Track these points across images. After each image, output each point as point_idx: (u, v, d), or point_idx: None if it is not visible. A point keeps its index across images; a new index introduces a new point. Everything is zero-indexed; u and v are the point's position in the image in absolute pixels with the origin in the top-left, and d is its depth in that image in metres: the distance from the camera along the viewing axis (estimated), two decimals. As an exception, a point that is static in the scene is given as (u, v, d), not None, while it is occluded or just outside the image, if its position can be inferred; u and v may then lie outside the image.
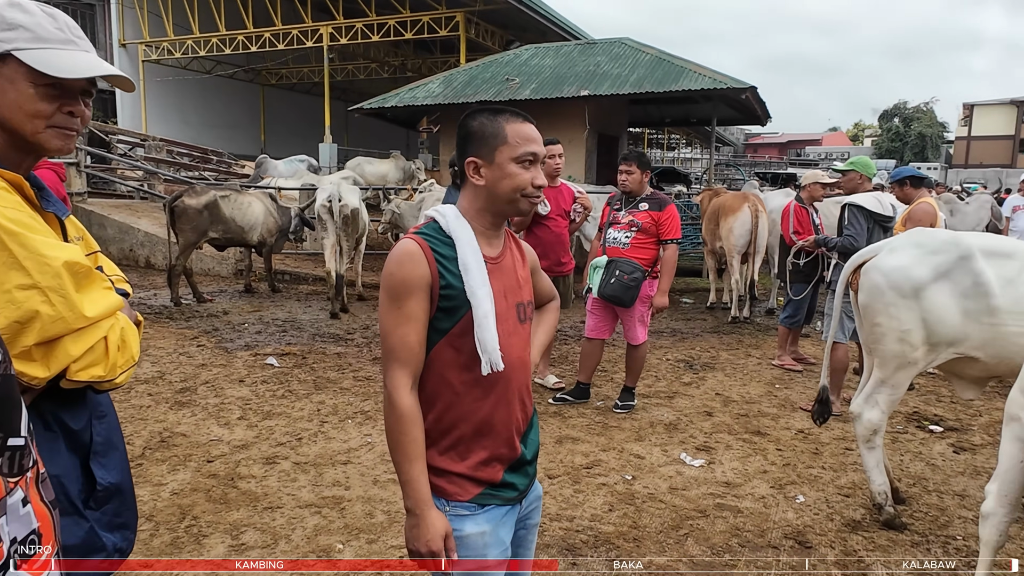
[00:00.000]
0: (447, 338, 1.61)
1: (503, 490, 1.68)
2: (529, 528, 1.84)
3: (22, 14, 1.31)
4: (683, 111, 15.35)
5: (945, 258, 3.38)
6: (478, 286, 1.59)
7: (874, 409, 3.55)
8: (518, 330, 1.71)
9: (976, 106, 55.95)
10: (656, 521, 3.55)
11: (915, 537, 3.47)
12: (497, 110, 1.68)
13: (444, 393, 1.62)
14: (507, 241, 1.77)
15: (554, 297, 2.08)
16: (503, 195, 1.64)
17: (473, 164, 1.65)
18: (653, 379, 6.09)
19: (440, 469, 1.63)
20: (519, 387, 1.71)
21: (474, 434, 1.64)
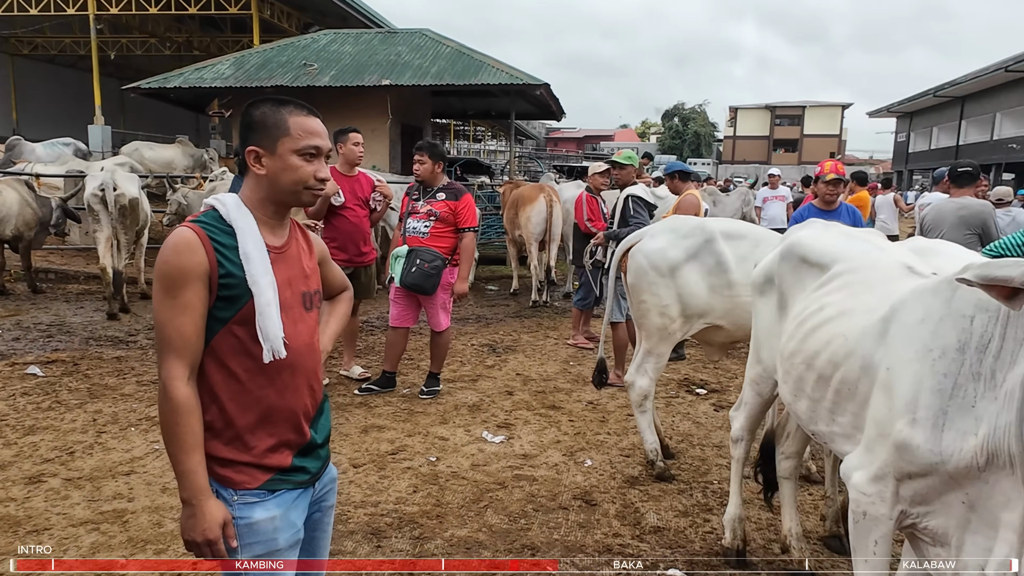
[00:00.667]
0: (228, 327, 1.59)
1: (294, 474, 1.70)
2: (324, 510, 1.87)
3: None
4: (484, 104, 15.84)
5: (694, 241, 3.90)
6: (260, 275, 1.59)
7: (644, 377, 4.01)
8: (304, 318, 1.73)
9: (739, 109, 63.85)
10: (458, 497, 3.72)
11: (681, 485, 3.98)
12: (282, 101, 1.68)
13: (227, 383, 1.61)
14: (292, 231, 1.77)
15: (346, 288, 2.12)
16: (284, 187, 1.65)
17: (254, 153, 1.65)
18: (458, 364, 6.29)
19: (226, 459, 1.62)
20: (306, 374, 1.73)
21: (260, 421, 1.64)
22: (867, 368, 2.07)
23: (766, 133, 61.92)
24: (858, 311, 2.18)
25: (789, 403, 2.51)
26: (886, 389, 1.97)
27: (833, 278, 2.41)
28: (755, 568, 3.15)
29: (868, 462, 2.02)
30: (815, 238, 2.63)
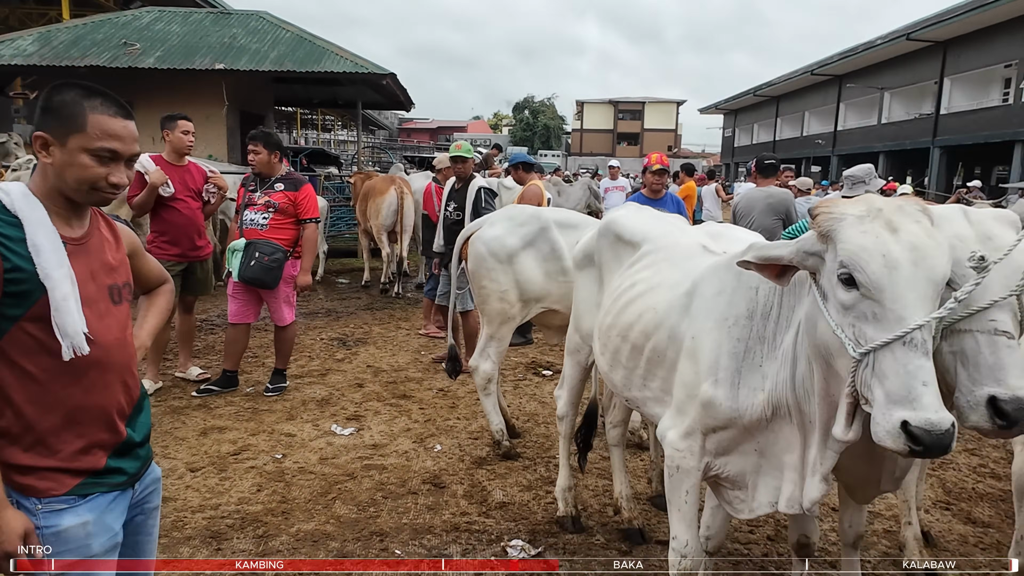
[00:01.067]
0: (18, 325, 1.49)
1: (109, 476, 1.63)
2: (148, 512, 1.81)
3: None
4: (330, 93, 15.34)
5: (530, 229, 4.09)
6: (53, 268, 1.50)
7: (487, 361, 4.16)
8: (112, 312, 1.65)
9: (585, 103, 66.59)
10: (305, 492, 3.67)
11: (526, 462, 4.18)
12: (92, 91, 1.58)
13: (22, 384, 1.51)
14: (95, 221, 1.68)
15: (164, 280, 2.06)
16: (68, 183, 1.56)
17: (41, 140, 1.55)
18: (306, 359, 6.14)
19: (26, 467, 1.52)
20: (119, 370, 1.66)
21: (66, 423, 1.56)
22: (674, 337, 2.31)
23: (610, 127, 65.13)
24: (664, 286, 2.42)
25: (606, 373, 2.72)
26: (691, 355, 2.22)
27: (643, 256, 2.65)
28: (591, 531, 3.39)
29: (679, 422, 2.26)
30: (628, 218, 2.88)
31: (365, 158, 21.06)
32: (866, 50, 29.90)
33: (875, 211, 1.60)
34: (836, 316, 1.63)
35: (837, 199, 1.73)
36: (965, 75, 25.59)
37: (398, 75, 11.96)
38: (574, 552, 3.19)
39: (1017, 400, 1.59)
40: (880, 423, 1.50)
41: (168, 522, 3.26)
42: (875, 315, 1.55)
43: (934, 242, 1.56)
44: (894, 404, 1.48)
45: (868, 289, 1.55)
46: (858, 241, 1.58)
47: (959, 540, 3.43)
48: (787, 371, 1.94)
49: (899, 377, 1.48)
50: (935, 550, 3.31)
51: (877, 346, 1.52)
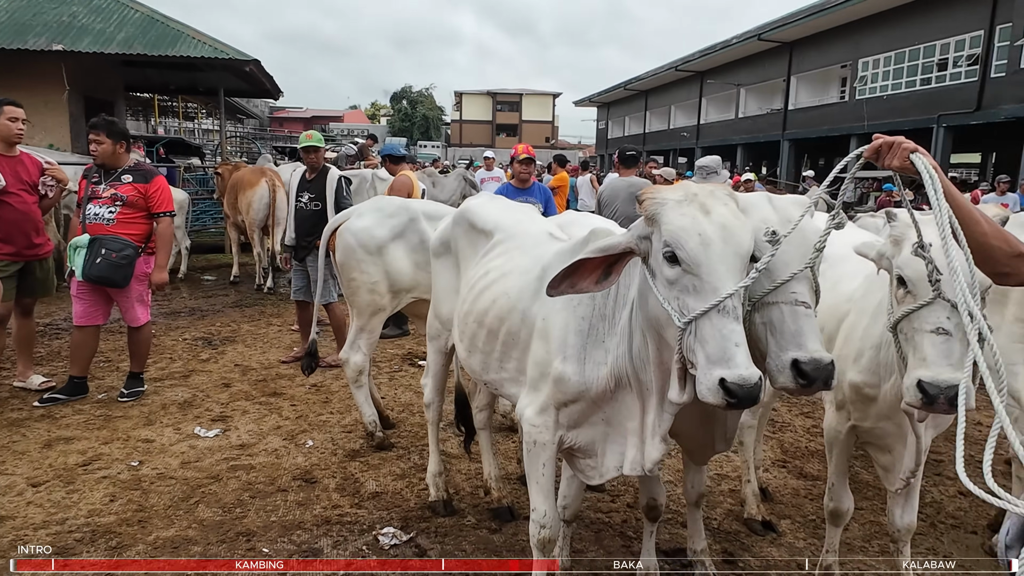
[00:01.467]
0: None
1: None
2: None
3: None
4: (189, 79, 14.40)
5: (399, 220, 4.09)
6: None
7: (358, 353, 4.14)
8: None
9: (464, 94, 66.58)
10: (165, 499, 3.50)
11: (400, 451, 4.20)
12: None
13: None
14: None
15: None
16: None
17: None
18: (167, 361, 5.81)
19: None
20: None
21: None
22: (526, 320, 2.42)
23: (489, 118, 65.56)
24: (516, 272, 2.53)
25: (464, 359, 2.81)
26: (543, 336, 2.33)
27: (496, 245, 2.75)
28: (462, 513, 3.47)
29: (535, 399, 2.37)
30: (481, 207, 2.97)
31: (232, 148, 19.97)
32: (723, 48, 31.89)
33: (691, 196, 1.78)
34: (663, 291, 1.80)
35: (660, 187, 1.89)
36: (808, 74, 27.94)
37: (263, 62, 11.45)
38: (446, 534, 3.26)
39: (815, 361, 1.81)
40: (702, 382, 1.67)
41: (6, 542, 3.02)
42: (695, 287, 1.72)
43: (740, 222, 1.76)
44: (713, 364, 1.65)
45: (688, 264, 1.73)
46: (678, 222, 1.75)
47: (792, 493, 3.82)
48: (625, 345, 2.10)
49: (716, 341, 1.66)
50: (771, 503, 3.67)
51: (697, 315, 1.69)
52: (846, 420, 2.60)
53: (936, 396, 1.81)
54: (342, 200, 5.53)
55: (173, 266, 9.82)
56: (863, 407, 2.48)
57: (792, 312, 1.88)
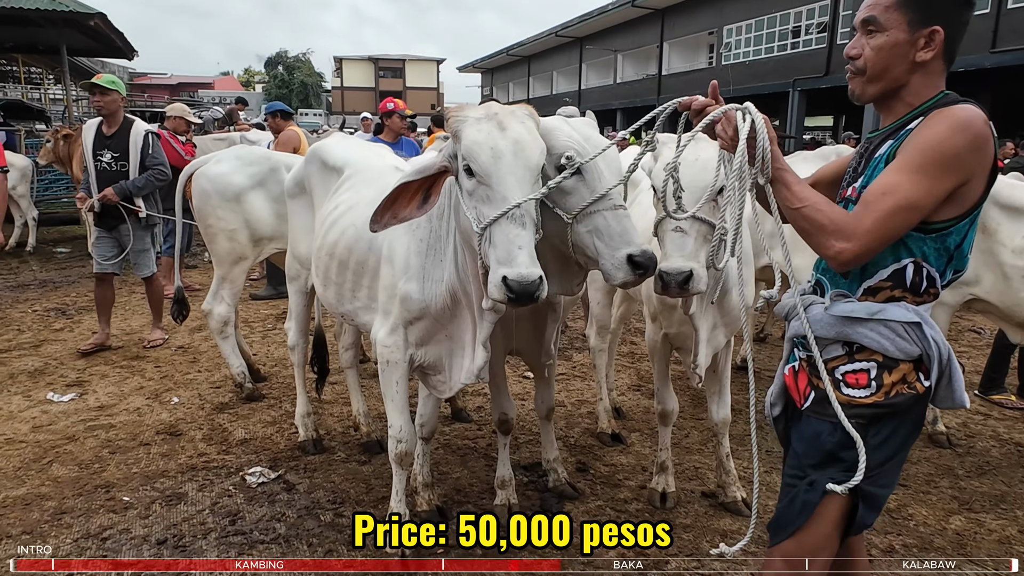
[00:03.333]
0: None
1: None
2: None
3: None
4: (25, 35, 13.04)
5: (260, 168, 4.05)
6: None
7: (221, 304, 4.09)
8: None
9: (344, 60, 64.24)
10: (13, 461, 3.37)
11: (271, 401, 4.20)
12: None
13: None
14: None
15: None
16: None
17: None
18: (14, 332, 5.45)
19: None
20: None
21: None
22: (373, 248, 2.53)
23: (372, 84, 63.74)
24: (362, 204, 2.62)
25: (321, 294, 2.89)
26: (389, 261, 2.45)
27: (345, 180, 2.83)
28: (332, 450, 3.57)
29: (385, 321, 2.50)
30: (333, 146, 3.03)
31: (83, 115, 18.39)
32: (600, 14, 32.56)
33: (491, 114, 1.94)
34: (466, 201, 1.96)
35: (465, 106, 2.05)
36: (680, 40, 29.13)
37: (111, 18, 10.61)
38: (315, 469, 3.35)
39: (644, 252, 2.02)
40: (491, 280, 1.86)
41: None
42: (488, 197, 1.89)
43: (532, 137, 1.95)
44: (500, 264, 1.84)
45: (480, 176, 1.90)
46: (473, 137, 1.91)
47: (643, 411, 4.18)
48: (453, 261, 2.25)
49: (503, 244, 1.84)
50: (624, 421, 4.01)
51: (489, 222, 1.86)
52: (659, 329, 2.91)
53: (668, 282, 2.07)
54: (148, 157, 4.95)
55: (20, 239, 9.09)
56: (667, 315, 2.80)
57: (614, 216, 2.08)
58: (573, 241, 2.14)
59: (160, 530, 2.80)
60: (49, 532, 2.78)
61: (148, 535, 2.77)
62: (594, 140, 2.14)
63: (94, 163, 4.88)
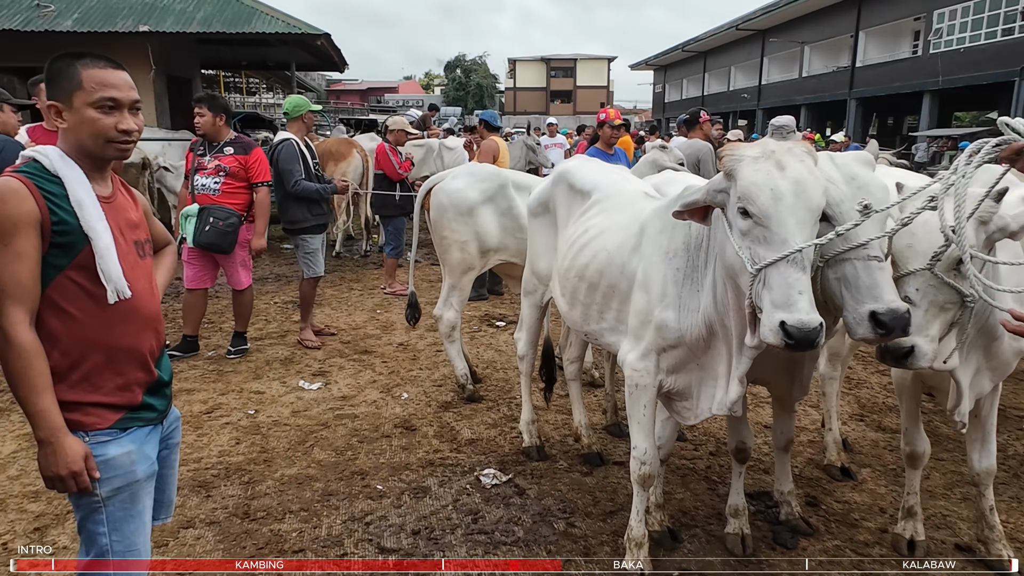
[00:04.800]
0: (64, 273, 1.65)
1: (144, 411, 1.79)
2: (172, 448, 1.99)
3: None
4: (259, 54, 14.88)
5: (490, 185, 4.31)
6: (95, 220, 1.65)
7: (450, 310, 4.40)
8: (139, 264, 1.81)
9: (518, 61, 66.01)
10: (283, 442, 3.86)
11: (489, 403, 4.47)
12: (78, 54, 1.71)
13: (68, 327, 1.66)
14: (115, 184, 1.84)
15: (168, 241, 2.19)
16: (84, 140, 1.69)
17: (54, 108, 1.70)
18: (264, 322, 6.23)
19: (73, 403, 1.66)
20: (150, 315, 1.81)
21: (107, 362, 1.71)
22: (626, 273, 2.61)
23: (543, 84, 64.90)
24: (615, 228, 2.71)
25: (565, 312, 3.03)
26: (643, 287, 2.53)
27: (593, 204, 2.94)
28: (554, 458, 3.72)
29: (636, 345, 2.57)
30: (579, 169, 3.16)
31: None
32: (786, 5, 30.70)
33: (768, 152, 1.94)
34: (738, 240, 1.97)
35: (740, 144, 2.05)
36: (878, 28, 26.71)
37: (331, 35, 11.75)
38: (541, 476, 3.51)
39: (891, 312, 1.93)
40: (765, 324, 1.85)
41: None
42: (765, 238, 1.89)
43: (813, 178, 1.91)
44: (776, 308, 1.82)
45: (758, 217, 1.90)
46: (751, 178, 1.91)
47: (871, 444, 3.93)
48: (711, 293, 2.27)
49: (781, 288, 1.82)
50: (851, 453, 3.79)
51: (767, 264, 1.85)
52: (908, 368, 2.72)
53: (885, 352, 2.08)
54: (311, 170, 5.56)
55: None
56: None
57: (865, 267, 2.00)
58: (821, 286, 2.08)
59: (413, 521, 3.09)
60: (321, 511, 3.17)
61: (403, 524, 3.07)
62: (861, 179, 2.06)
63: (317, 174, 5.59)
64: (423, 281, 7.75)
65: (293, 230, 5.55)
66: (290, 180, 5.29)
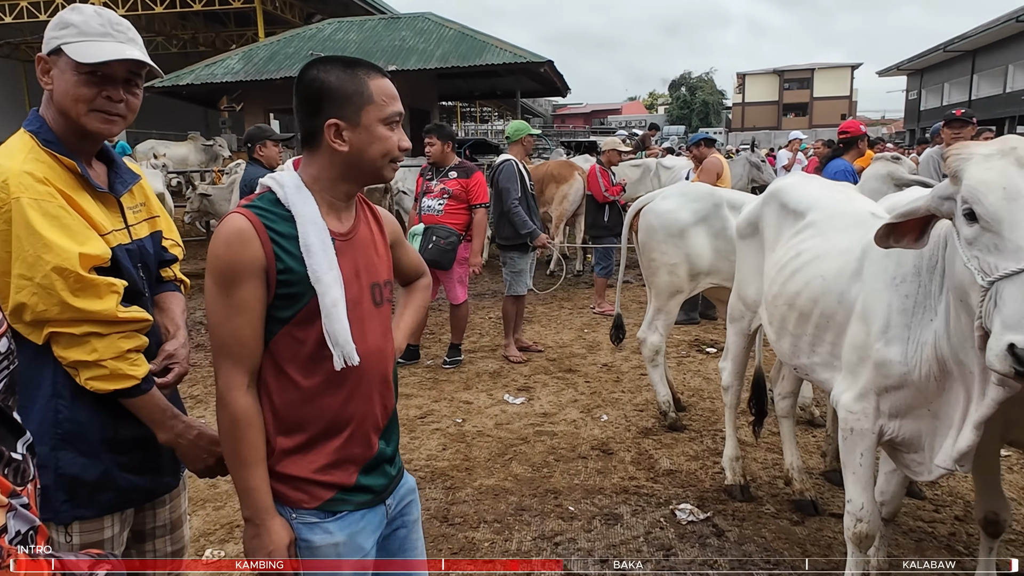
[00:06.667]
0: (287, 328, 1.41)
1: (356, 493, 1.49)
2: (409, 526, 1.65)
3: (74, 15, 1.53)
4: (489, 84, 15.97)
5: (703, 205, 4.13)
6: (324, 271, 1.39)
7: (655, 334, 4.27)
8: (374, 315, 1.51)
9: (747, 75, 63.12)
10: (484, 452, 4.02)
11: (692, 434, 4.25)
12: (350, 61, 1.46)
13: (286, 390, 1.43)
14: (361, 212, 1.56)
15: (423, 274, 1.86)
16: (369, 161, 1.44)
17: (335, 127, 1.41)
18: (477, 336, 6.58)
19: (282, 474, 1.44)
20: (377, 379, 1.52)
21: (323, 434, 1.46)
22: (844, 302, 2.32)
23: (775, 98, 61.20)
24: (832, 253, 2.43)
25: (774, 342, 2.76)
26: (862, 318, 2.23)
27: (808, 226, 2.66)
28: (760, 501, 3.41)
29: (853, 384, 2.27)
30: (795, 187, 2.88)
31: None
32: (1089, -13, 25.66)
33: (1007, 149, 1.63)
34: (965, 251, 1.67)
35: (969, 143, 1.74)
36: None
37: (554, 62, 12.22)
38: (744, 519, 3.24)
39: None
40: (991, 347, 1.54)
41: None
42: (996, 246, 1.59)
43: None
44: (1008, 328, 1.51)
45: (986, 220, 1.60)
46: (979, 176, 1.63)
47: None
48: (944, 323, 1.93)
49: (1016, 303, 1.50)
50: None
51: (1000, 276, 1.54)
52: None
53: None
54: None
55: (477, 253, 11.05)
56: None
57: None
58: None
59: (601, 548, 3.02)
60: (513, 525, 3.23)
61: (592, 550, 3.01)
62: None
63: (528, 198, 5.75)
64: (632, 302, 7.65)
65: (505, 246, 5.79)
66: (508, 198, 5.54)
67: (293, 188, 1.43)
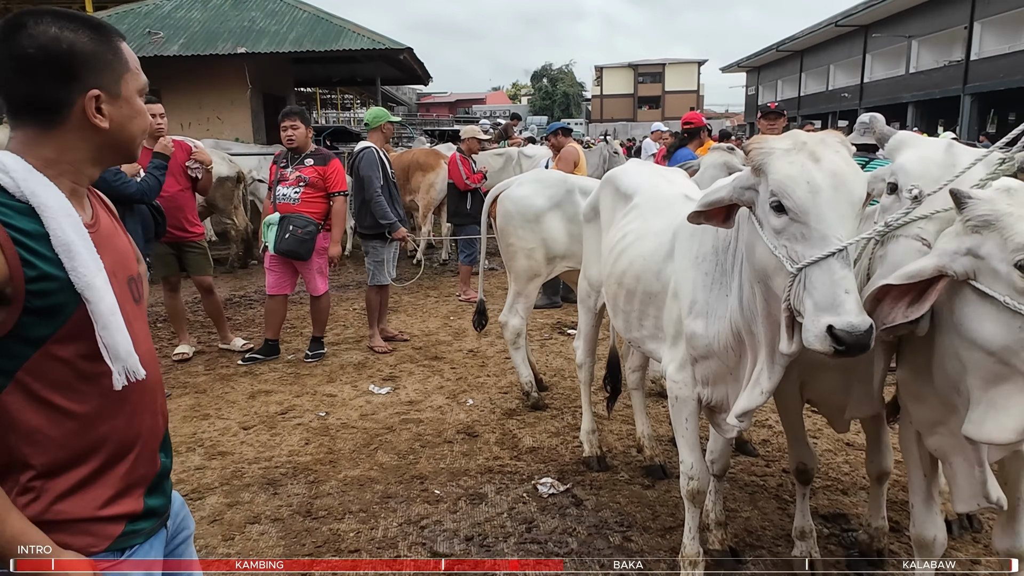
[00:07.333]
0: (46, 348, 1.13)
1: (143, 521, 1.29)
2: (186, 541, 1.51)
3: None
4: (349, 71, 15.53)
5: (557, 191, 4.28)
6: (94, 273, 1.14)
7: (516, 317, 4.39)
8: (137, 314, 1.30)
9: (604, 68, 65.65)
10: (349, 444, 3.95)
11: (554, 412, 4.42)
12: (91, 20, 1.21)
13: (55, 423, 1.16)
14: (90, 196, 1.30)
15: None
16: (129, 139, 1.25)
17: (96, 99, 1.18)
18: (341, 328, 6.43)
19: (60, 521, 1.18)
20: (155, 387, 1.34)
21: (108, 462, 1.23)
22: (660, 280, 2.54)
23: (631, 91, 64.22)
24: (650, 234, 2.63)
25: (612, 319, 2.97)
26: (675, 294, 2.43)
27: (633, 208, 2.86)
28: (615, 469, 3.62)
29: (674, 355, 2.48)
30: (626, 172, 3.08)
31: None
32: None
33: (800, 144, 1.79)
34: (772, 240, 1.82)
35: (768, 136, 1.92)
36: (996, 18, 24.75)
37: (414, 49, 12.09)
38: (600, 487, 3.43)
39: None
40: (809, 329, 1.69)
41: (228, 472, 3.59)
42: (803, 235, 1.75)
43: (852, 168, 1.77)
44: (821, 311, 1.67)
45: (795, 213, 1.76)
46: (785, 171, 1.77)
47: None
48: (737, 297, 2.13)
49: (825, 287, 1.68)
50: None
51: (809, 262, 1.71)
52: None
53: None
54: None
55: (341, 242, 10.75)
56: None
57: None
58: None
59: (467, 527, 3.08)
60: (379, 513, 3.22)
61: (457, 530, 3.06)
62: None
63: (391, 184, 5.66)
64: (497, 288, 7.78)
65: (366, 235, 5.69)
66: (370, 187, 5.43)
67: (25, 173, 1.13)
